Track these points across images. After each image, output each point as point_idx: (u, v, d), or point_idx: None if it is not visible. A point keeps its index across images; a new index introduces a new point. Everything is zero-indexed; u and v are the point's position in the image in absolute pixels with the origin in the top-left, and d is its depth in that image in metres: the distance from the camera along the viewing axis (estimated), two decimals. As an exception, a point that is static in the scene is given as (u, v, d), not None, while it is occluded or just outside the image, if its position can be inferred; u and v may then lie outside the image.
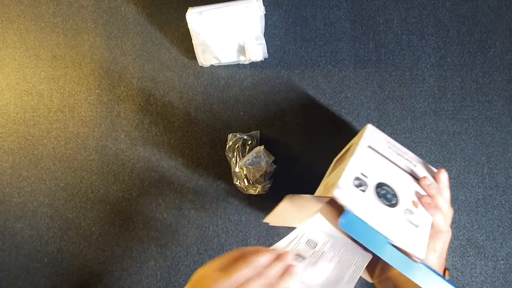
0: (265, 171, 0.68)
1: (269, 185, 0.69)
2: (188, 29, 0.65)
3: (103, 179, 0.70)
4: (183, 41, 0.73)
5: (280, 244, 0.51)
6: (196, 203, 0.70)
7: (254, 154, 0.68)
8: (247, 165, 0.67)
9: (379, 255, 0.45)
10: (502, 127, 0.72)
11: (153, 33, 0.73)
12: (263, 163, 0.68)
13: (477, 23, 0.74)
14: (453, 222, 0.70)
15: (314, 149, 0.71)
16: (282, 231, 0.70)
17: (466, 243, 0.70)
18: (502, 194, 0.71)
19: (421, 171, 0.55)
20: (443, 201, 0.52)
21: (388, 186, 0.50)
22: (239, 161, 0.69)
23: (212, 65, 0.71)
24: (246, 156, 0.68)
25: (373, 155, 0.53)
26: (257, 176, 0.68)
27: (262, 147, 0.69)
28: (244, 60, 0.68)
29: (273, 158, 0.70)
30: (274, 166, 0.70)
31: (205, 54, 0.67)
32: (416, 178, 0.54)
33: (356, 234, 0.45)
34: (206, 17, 0.64)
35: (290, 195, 0.50)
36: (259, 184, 0.68)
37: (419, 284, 0.45)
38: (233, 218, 0.70)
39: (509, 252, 0.70)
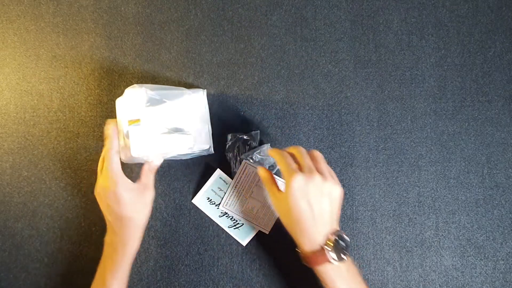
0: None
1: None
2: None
3: (103, 179, 0.70)
4: (183, 41, 0.73)
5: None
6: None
7: (259, 151, 0.68)
8: (248, 159, 0.67)
9: None
10: (502, 127, 0.72)
11: (153, 33, 0.73)
12: (265, 163, 0.68)
13: (477, 23, 0.74)
14: (453, 222, 0.70)
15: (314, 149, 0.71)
16: (280, 228, 0.70)
17: (466, 243, 0.70)
18: (502, 194, 0.71)
19: None
20: None
21: None
22: (241, 155, 0.69)
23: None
24: (250, 151, 0.68)
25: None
26: (257, 176, 0.68)
27: (269, 145, 0.69)
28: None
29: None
30: (278, 167, 0.70)
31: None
32: None
33: None
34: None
35: None
36: (259, 184, 0.68)
37: None
38: (233, 218, 0.70)
39: (509, 252, 0.70)
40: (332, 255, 0.54)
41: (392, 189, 0.71)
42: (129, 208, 0.58)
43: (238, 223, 0.69)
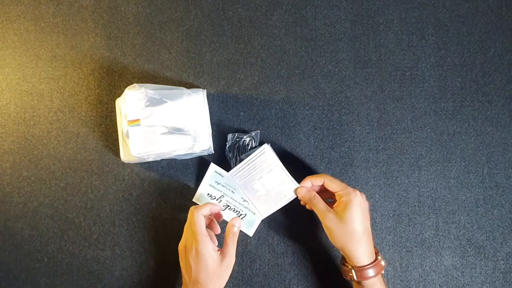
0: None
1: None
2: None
3: (103, 179, 0.70)
4: (183, 41, 0.73)
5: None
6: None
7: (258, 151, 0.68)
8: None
9: None
10: (502, 127, 0.72)
11: (153, 33, 0.73)
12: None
13: (477, 23, 0.74)
14: (453, 222, 0.70)
15: (314, 149, 0.71)
16: (280, 228, 0.70)
17: (466, 243, 0.70)
18: (502, 194, 0.71)
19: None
20: None
21: None
22: (241, 155, 0.69)
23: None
24: (250, 151, 0.68)
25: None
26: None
27: (269, 145, 0.69)
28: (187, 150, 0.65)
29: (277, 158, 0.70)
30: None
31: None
32: None
33: None
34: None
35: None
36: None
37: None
38: (233, 218, 0.70)
39: (509, 252, 0.70)
40: (385, 263, 0.61)
41: (392, 189, 0.71)
42: (205, 273, 0.58)
43: (241, 214, 0.69)
